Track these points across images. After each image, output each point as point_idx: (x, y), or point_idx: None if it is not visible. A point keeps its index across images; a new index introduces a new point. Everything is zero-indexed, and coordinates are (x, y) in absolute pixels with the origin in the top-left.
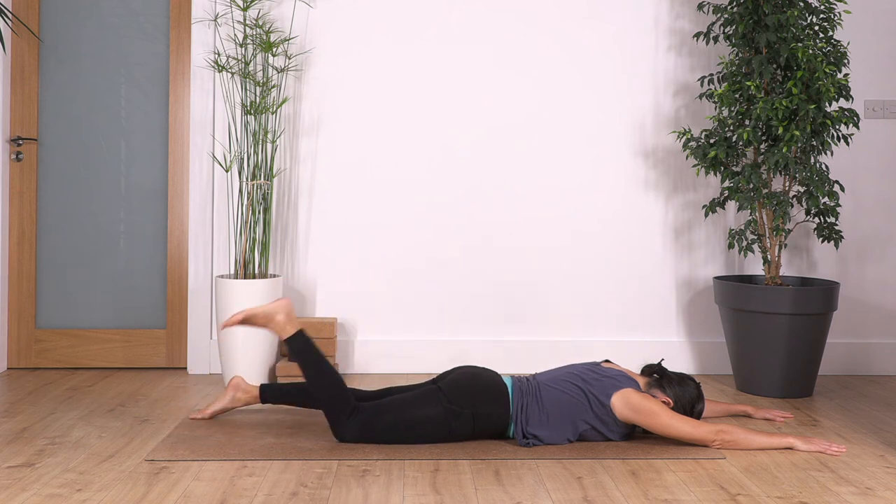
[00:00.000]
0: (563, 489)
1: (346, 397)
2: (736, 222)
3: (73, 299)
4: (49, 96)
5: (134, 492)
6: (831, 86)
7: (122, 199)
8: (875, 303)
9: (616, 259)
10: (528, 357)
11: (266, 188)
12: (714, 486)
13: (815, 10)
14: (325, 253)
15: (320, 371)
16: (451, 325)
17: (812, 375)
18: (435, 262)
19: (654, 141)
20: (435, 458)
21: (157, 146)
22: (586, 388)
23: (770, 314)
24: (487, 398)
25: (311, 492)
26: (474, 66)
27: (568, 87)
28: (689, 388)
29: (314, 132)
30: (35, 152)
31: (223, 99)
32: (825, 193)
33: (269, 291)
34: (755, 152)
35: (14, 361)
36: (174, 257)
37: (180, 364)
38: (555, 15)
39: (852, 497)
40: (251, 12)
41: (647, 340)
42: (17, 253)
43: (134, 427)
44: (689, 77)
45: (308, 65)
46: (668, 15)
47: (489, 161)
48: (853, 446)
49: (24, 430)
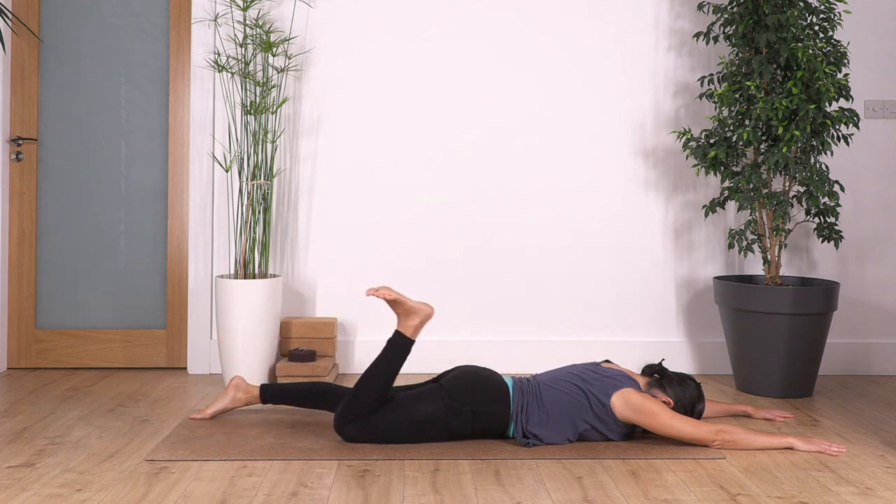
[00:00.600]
0: (563, 489)
1: (377, 404)
2: (736, 222)
3: (73, 299)
4: (49, 96)
5: (134, 492)
6: (831, 86)
7: (122, 199)
8: (875, 303)
9: (616, 259)
10: (528, 357)
11: (266, 188)
12: (714, 486)
13: (815, 10)
14: (325, 253)
15: (389, 375)
16: (451, 324)
17: (812, 375)
18: (435, 262)
19: (654, 141)
20: (435, 458)
21: (157, 146)
22: (586, 388)
23: (770, 314)
24: (488, 396)
25: (311, 492)
26: (474, 66)
27: (568, 87)
28: (690, 388)
29: (314, 132)
30: (35, 152)
31: (223, 99)
32: (825, 193)
33: (269, 291)
34: (755, 152)
35: (14, 361)
36: (174, 257)
37: (180, 364)
38: (555, 15)
39: (852, 497)
40: (251, 12)
41: (647, 340)
42: (17, 253)
43: (134, 427)
44: (689, 77)
45: (308, 65)
46: (668, 15)
47: (489, 161)
48: (853, 446)
49: (24, 430)
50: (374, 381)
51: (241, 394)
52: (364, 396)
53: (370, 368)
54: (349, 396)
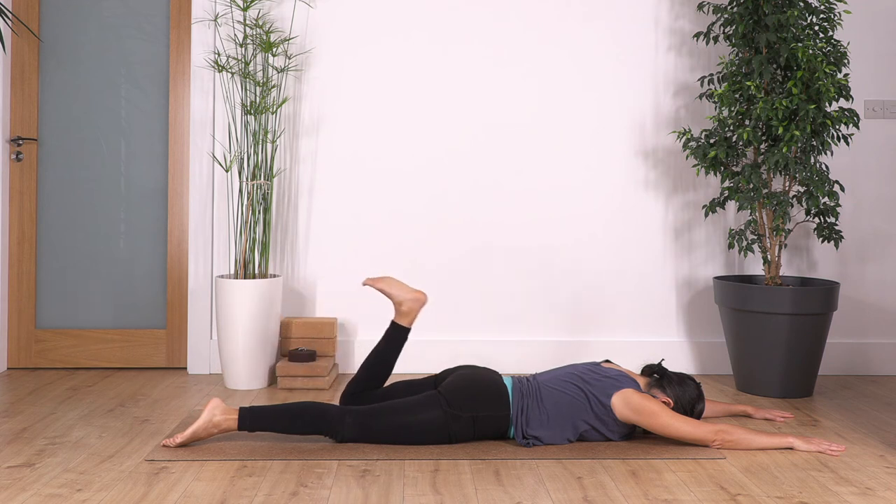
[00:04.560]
0: (563, 489)
1: (326, 416)
2: (736, 222)
3: (73, 299)
4: (49, 96)
5: (134, 492)
6: (831, 86)
7: (122, 199)
8: (875, 303)
9: (616, 259)
10: (528, 357)
11: (266, 188)
12: (714, 486)
13: (815, 10)
14: (325, 253)
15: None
16: (451, 324)
17: (812, 375)
18: (435, 261)
19: (654, 141)
20: (435, 458)
21: (157, 146)
22: (586, 389)
23: (770, 314)
24: (487, 401)
25: (311, 492)
26: (474, 67)
27: (568, 87)
28: (690, 388)
29: (314, 132)
30: (35, 152)
31: (223, 99)
32: (825, 193)
33: (269, 291)
34: (755, 152)
35: (14, 361)
36: (174, 257)
37: (180, 364)
38: (555, 15)
39: (852, 497)
40: (251, 12)
41: (647, 340)
42: (17, 253)
43: (134, 427)
44: (689, 77)
45: (308, 65)
46: (668, 15)
47: (490, 161)
48: (853, 446)
49: (24, 430)
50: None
51: (218, 415)
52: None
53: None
54: (316, 429)
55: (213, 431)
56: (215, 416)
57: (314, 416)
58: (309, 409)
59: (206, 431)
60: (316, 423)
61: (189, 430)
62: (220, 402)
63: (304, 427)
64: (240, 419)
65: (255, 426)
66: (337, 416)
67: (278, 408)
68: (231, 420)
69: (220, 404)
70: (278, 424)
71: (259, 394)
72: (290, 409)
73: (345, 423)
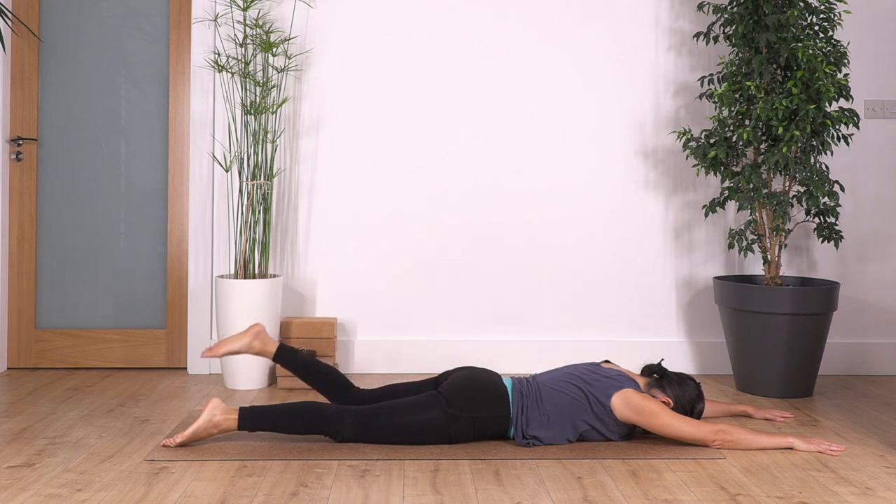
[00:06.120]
0: (563, 489)
1: (326, 416)
2: (736, 222)
3: (73, 299)
4: (49, 96)
5: (134, 492)
6: (831, 86)
7: (122, 199)
8: (875, 303)
9: (616, 259)
10: (528, 357)
11: (266, 188)
12: (714, 486)
13: (815, 10)
14: (325, 253)
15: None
16: (451, 324)
17: (812, 375)
18: (435, 262)
19: (654, 141)
20: (435, 458)
21: (157, 146)
22: (586, 389)
23: (770, 314)
24: (487, 402)
25: (311, 492)
26: (475, 67)
27: (568, 87)
28: (689, 388)
29: (314, 132)
30: (35, 152)
31: (223, 99)
32: (825, 193)
33: (269, 291)
34: (755, 152)
35: (14, 361)
36: (174, 257)
37: (180, 364)
38: (555, 15)
39: (852, 497)
40: (251, 12)
41: (647, 340)
42: (17, 253)
43: (134, 427)
44: (689, 77)
45: (308, 65)
46: (668, 15)
47: (490, 162)
48: (853, 446)
49: (24, 430)
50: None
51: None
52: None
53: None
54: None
55: (214, 431)
56: (215, 416)
57: (314, 416)
58: (309, 409)
59: (206, 431)
60: (316, 423)
61: (189, 430)
62: (220, 402)
63: (305, 427)
64: (240, 419)
65: (255, 426)
66: (337, 416)
67: (278, 408)
68: (231, 420)
69: (220, 404)
70: (278, 424)
71: (259, 394)
72: (290, 409)
73: (345, 423)
